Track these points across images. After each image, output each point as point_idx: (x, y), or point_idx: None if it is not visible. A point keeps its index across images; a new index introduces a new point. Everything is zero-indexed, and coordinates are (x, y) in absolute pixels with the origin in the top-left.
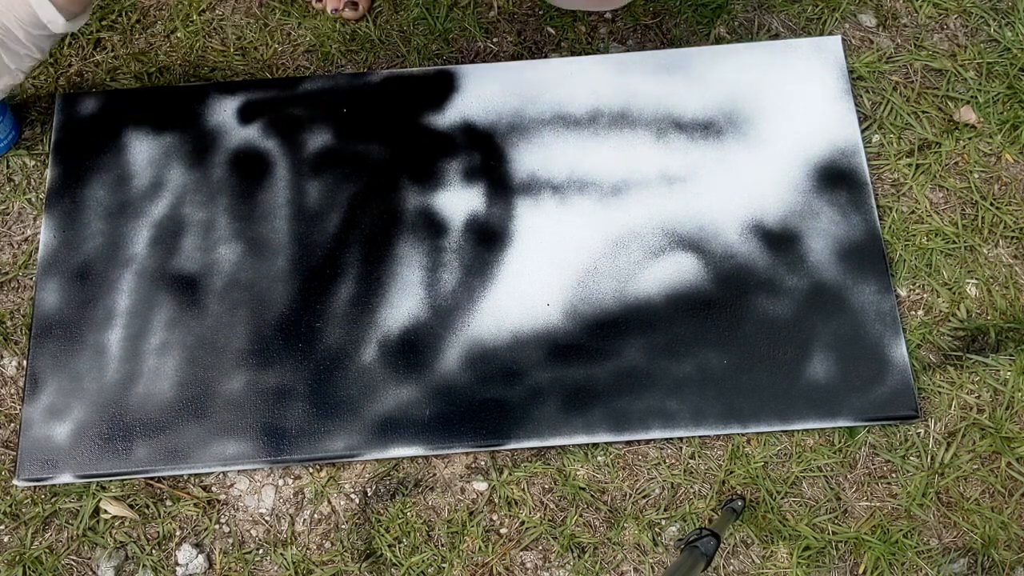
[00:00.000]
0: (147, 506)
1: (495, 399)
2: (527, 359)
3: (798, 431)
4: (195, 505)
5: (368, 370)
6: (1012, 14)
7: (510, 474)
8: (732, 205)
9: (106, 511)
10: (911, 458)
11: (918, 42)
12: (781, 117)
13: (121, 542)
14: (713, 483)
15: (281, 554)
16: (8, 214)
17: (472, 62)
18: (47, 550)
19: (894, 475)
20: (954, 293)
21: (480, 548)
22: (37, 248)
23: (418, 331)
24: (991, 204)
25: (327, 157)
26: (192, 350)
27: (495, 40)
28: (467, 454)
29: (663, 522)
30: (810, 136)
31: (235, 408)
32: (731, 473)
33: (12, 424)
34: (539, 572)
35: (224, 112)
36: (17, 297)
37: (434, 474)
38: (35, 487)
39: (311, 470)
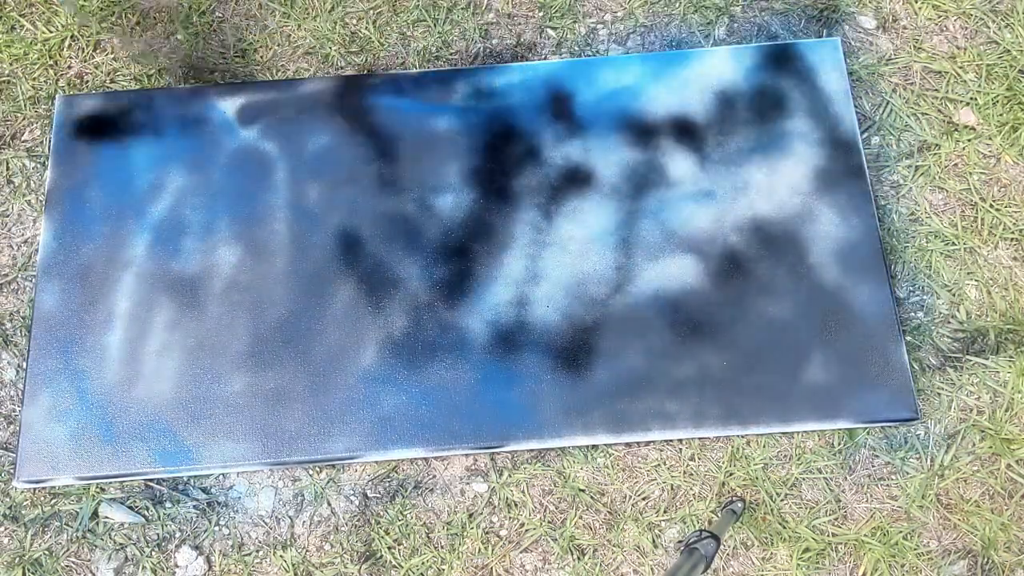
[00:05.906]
0: (146, 508)
1: (495, 400)
2: (526, 360)
3: (798, 433)
4: (194, 507)
5: (367, 372)
6: (1011, 16)
7: (510, 476)
8: (732, 206)
9: (108, 517)
10: (911, 460)
11: (917, 44)
12: (781, 118)
13: (120, 544)
14: (713, 485)
15: (280, 556)
16: (8, 216)
17: (471, 64)
18: (46, 552)
19: (894, 477)
20: (954, 295)
21: (480, 550)
22: (37, 250)
23: (417, 333)
24: (991, 206)
25: (326, 159)
26: (192, 352)
27: (494, 42)
28: (467, 456)
29: (663, 524)
30: (810, 138)
31: (235, 410)
32: (731, 475)
33: (12, 426)
34: (539, 574)
35: (224, 114)
36: (17, 299)
37: (434, 476)
38: (35, 489)
39: (311, 472)
